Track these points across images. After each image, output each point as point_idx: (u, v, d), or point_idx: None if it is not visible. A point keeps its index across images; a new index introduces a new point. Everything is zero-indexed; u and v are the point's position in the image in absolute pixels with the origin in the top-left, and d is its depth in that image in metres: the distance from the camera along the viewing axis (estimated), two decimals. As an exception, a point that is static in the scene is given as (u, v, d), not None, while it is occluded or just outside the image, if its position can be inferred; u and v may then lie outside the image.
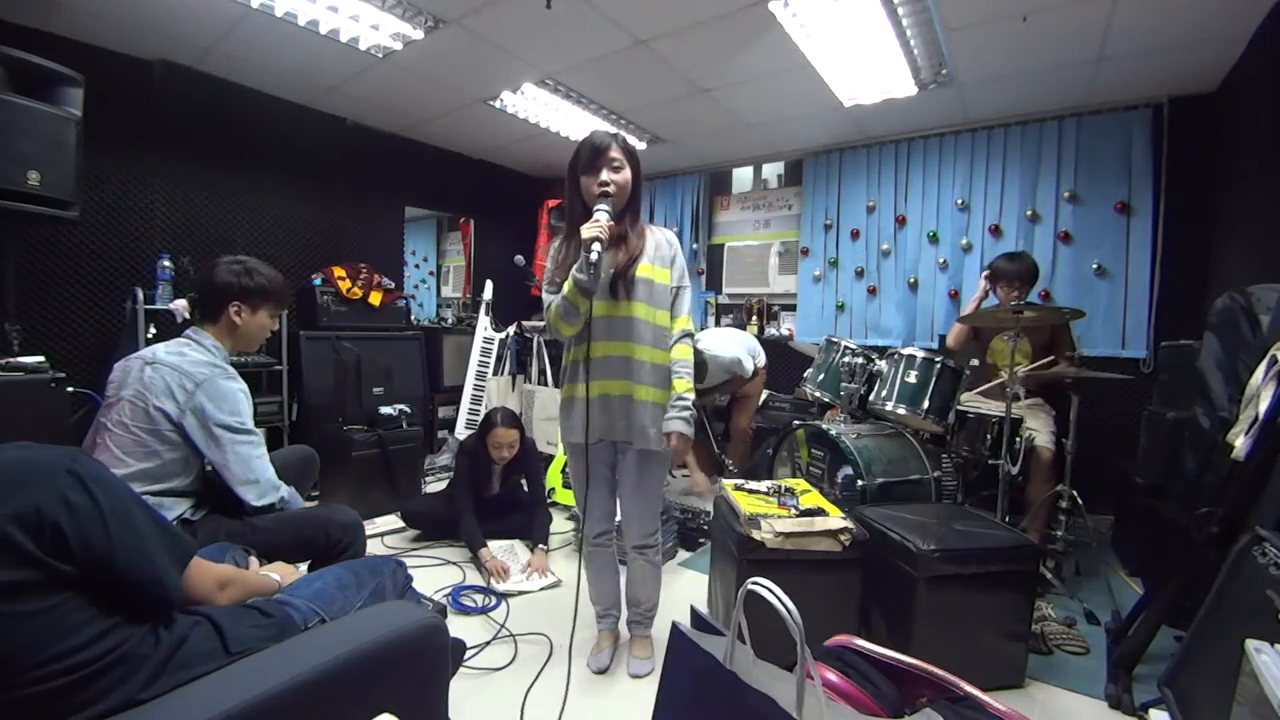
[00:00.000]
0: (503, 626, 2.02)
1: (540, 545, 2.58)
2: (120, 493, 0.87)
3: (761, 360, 3.49)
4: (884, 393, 2.65)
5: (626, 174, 1.59)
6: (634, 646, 1.87)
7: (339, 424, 3.11)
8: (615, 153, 1.57)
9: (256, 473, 1.58)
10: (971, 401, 2.78)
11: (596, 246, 1.43)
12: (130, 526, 0.85)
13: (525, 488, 2.91)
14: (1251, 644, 0.96)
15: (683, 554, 2.72)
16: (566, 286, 1.51)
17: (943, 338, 3.73)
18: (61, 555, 0.77)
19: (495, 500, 2.86)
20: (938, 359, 2.57)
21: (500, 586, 2.29)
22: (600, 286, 1.55)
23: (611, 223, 1.51)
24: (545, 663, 1.84)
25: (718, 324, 4.74)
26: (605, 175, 1.56)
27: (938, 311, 3.81)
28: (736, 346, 3.31)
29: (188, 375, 1.51)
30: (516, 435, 2.70)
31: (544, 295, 1.65)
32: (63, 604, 0.78)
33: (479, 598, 2.23)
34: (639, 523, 1.77)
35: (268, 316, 1.71)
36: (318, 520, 1.68)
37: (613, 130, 1.64)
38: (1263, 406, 1.47)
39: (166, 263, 3.04)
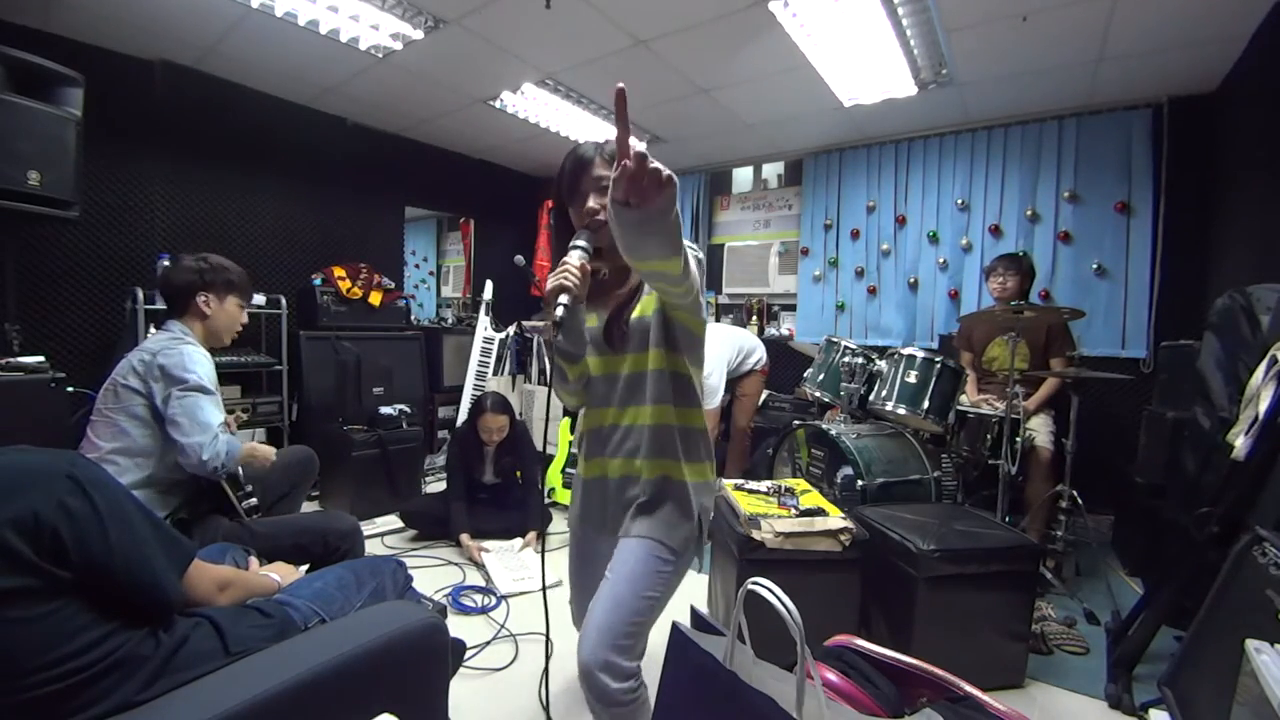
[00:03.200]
0: (503, 626, 2.02)
1: (533, 530, 2.71)
2: (119, 497, 0.87)
3: (762, 360, 3.47)
4: (884, 393, 2.65)
5: None
6: None
7: (339, 424, 3.11)
8: (600, 169, 1.12)
9: (203, 421, 1.53)
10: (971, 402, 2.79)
11: (563, 299, 1.00)
12: (129, 531, 0.85)
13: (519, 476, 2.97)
14: (1251, 644, 0.96)
15: (683, 554, 2.72)
16: (550, 354, 1.19)
17: (944, 338, 3.74)
18: (60, 561, 0.77)
19: (491, 492, 2.90)
20: (938, 359, 2.57)
21: (501, 587, 2.29)
22: (593, 337, 1.23)
23: (585, 263, 1.05)
24: (546, 663, 1.83)
25: (717, 322, 4.75)
26: (592, 201, 1.13)
27: (938, 311, 3.80)
28: (721, 355, 3.20)
29: (147, 349, 1.58)
30: (505, 421, 2.76)
31: None
32: (61, 609, 0.78)
33: (479, 598, 2.23)
34: (607, 635, 1.13)
35: (236, 306, 1.76)
36: (315, 528, 1.69)
37: (600, 140, 1.18)
38: (1263, 406, 1.47)
39: (166, 263, 3.03)
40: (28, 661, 0.74)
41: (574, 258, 1.05)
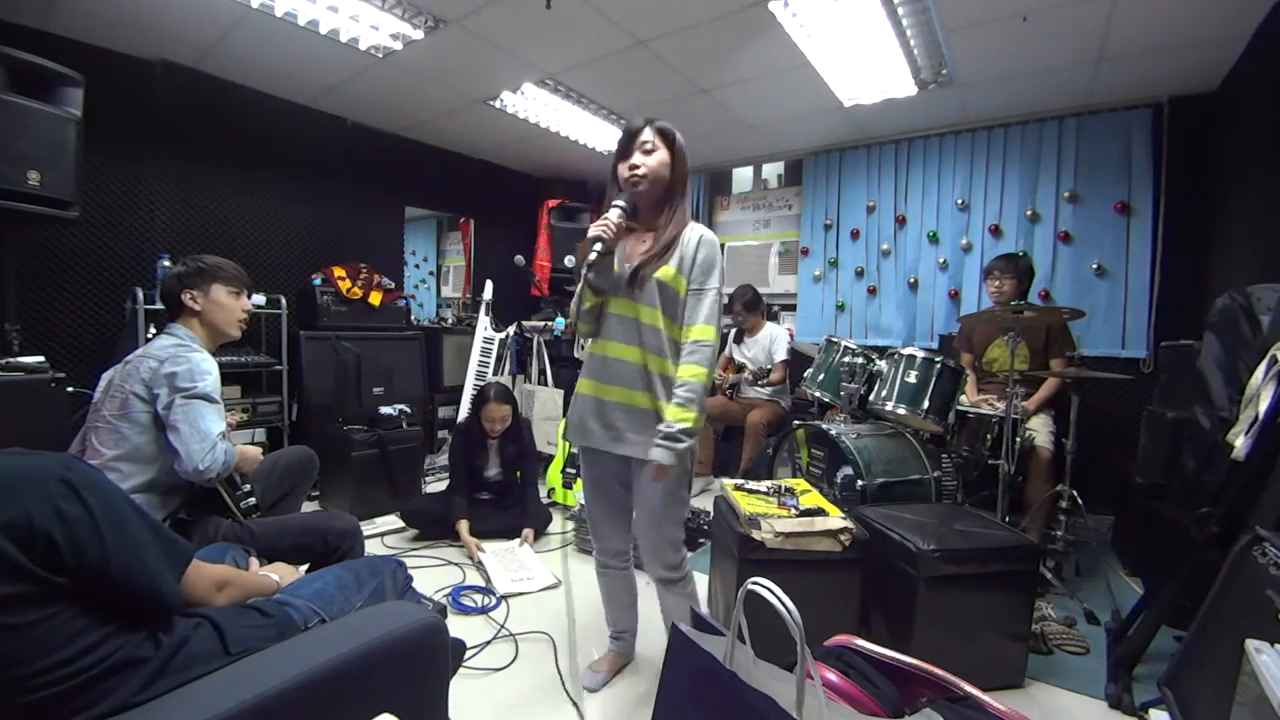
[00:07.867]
0: (503, 626, 2.02)
1: (528, 529, 2.72)
2: (115, 500, 0.86)
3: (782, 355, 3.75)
4: (884, 393, 2.65)
5: (662, 156, 1.46)
6: None
7: (339, 424, 3.10)
8: (648, 134, 1.46)
9: (203, 430, 1.52)
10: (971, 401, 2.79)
11: (597, 247, 1.36)
12: (125, 534, 0.84)
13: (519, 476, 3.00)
14: (1251, 644, 0.96)
15: (683, 554, 2.72)
16: (580, 283, 1.44)
17: (944, 338, 3.74)
18: (54, 567, 0.76)
19: (493, 491, 2.90)
20: (938, 359, 2.57)
21: (500, 587, 2.29)
22: (618, 280, 1.47)
23: (622, 220, 1.42)
24: (546, 663, 1.83)
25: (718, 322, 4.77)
26: (636, 158, 1.45)
27: (938, 311, 3.80)
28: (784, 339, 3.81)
29: (153, 356, 1.58)
30: (508, 410, 2.81)
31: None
32: (58, 614, 0.77)
33: (479, 598, 2.23)
34: (655, 553, 1.55)
35: (225, 294, 1.73)
36: (316, 527, 1.69)
37: (648, 117, 1.51)
38: (1263, 406, 1.47)
39: (166, 263, 3.02)
40: (25, 666, 0.74)
41: (613, 214, 1.41)
